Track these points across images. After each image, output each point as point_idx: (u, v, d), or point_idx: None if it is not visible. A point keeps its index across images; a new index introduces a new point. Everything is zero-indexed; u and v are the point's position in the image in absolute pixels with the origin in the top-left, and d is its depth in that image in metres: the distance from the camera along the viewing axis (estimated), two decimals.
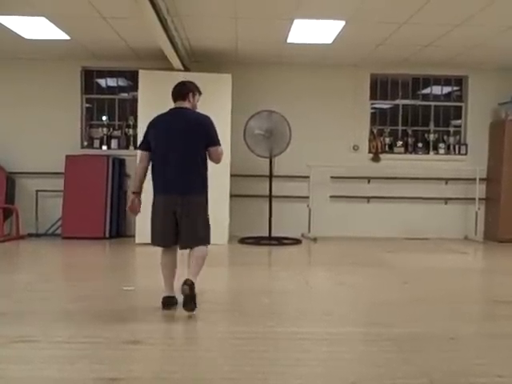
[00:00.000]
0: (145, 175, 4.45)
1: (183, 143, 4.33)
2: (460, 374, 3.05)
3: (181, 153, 4.32)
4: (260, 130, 8.44)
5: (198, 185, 4.40)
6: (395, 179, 9.09)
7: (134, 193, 4.47)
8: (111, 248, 8.14)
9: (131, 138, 9.06)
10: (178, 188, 4.30)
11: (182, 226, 4.31)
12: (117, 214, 8.77)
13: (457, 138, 9.46)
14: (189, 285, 4.09)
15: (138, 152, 4.56)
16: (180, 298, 4.22)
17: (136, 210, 4.47)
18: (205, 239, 4.42)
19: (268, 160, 8.52)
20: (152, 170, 4.41)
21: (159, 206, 4.34)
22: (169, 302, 4.31)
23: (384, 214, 9.15)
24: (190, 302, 4.09)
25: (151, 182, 4.40)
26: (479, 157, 9.23)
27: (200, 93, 4.60)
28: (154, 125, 4.48)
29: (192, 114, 4.48)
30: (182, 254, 4.48)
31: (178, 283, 4.26)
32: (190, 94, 4.49)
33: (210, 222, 4.50)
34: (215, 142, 4.45)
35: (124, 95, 9.31)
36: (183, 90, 4.49)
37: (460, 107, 9.50)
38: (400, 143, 9.41)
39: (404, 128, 9.50)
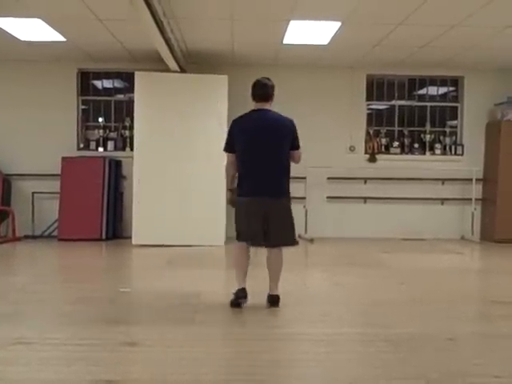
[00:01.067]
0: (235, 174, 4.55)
1: (273, 146, 4.41)
2: (457, 374, 3.05)
3: (271, 155, 4.40)
4: None
5: (286, 187, 4.50)
6: (392, 180, 9.11)
7: (230, 190, 4.59)
8: (108, 249, 8.13)
9: (127, 140, 9.06)
10: (269, 190, 4.39)
11: (272, 226, 4.40)
12: (113, 216, 8.76)
13: (453, 138, 9.48)
14: (276, 301, 4.45)
15: (226, 154, 4.57)
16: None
17: (235, 203, 4.55)
18: (292, 239, 4.56)
19: None
20: (239, 172, 4.49)
21: (248, 208, 4.41)
22: (242, 295, 4.39)
23: (381, 215, 9.16)
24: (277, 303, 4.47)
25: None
26: (475, 157, 9.25)
27: None
28: (239, 126, 4.52)
29: (279, 117, 4.55)
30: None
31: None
32: (272, 97, 4.57)
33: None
34: (299, 145, 4.57)
35: (120, 97, 9.29)
36: (268, 93, 4.55)
37: (456, 108, 9.52)
38: (396, 144, 9.42)
39: (400, 129, 9.51)
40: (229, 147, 4.53)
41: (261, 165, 4.39)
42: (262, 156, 4.39)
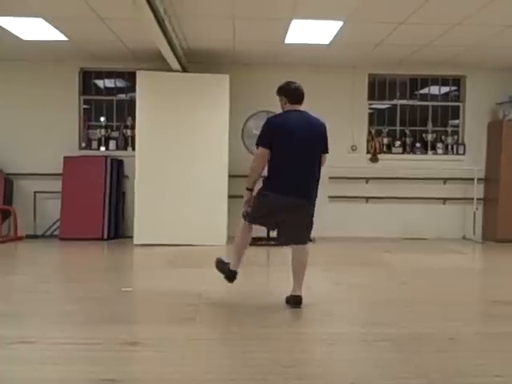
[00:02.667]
0: (261, 173, 4.51)
1: (309, 148, 4.42)
2: (459, 374, 3.05)
3: (306, 157, 4.41)
4: (258, 131, 8.43)
5: (316, 189, 4.51)
6: (393, 179, 9.10)
7: (248, 189, 4.51)
8: (109, 249, 8.13)
9: (129, 139, 9.06)
10: (300, 191, 4.40)
11: (291, 224, 4.46)
12: (115, 215, 8.76)
13: (455, 137, 9.47)
14: (299, 302, 4.41)
15: (260, 149, 4.46)
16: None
17: (252, 204, 4.52)
18: (307, 239, 4.60)
19: None
20: (273, 169, 4.45)
21: (275, 202, 4.40)
22: (234, 276, 4.59)
23: (382, 214, 9.16)
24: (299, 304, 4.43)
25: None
26: (477, 157, 9.24)
27: None
28: (278, 125, 4.48)
29: (314, 119, 4.57)
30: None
31: None
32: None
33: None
34: (328, 149, 4.61)
35: (122, 96, 9.30)
36: (303, 95, 4.58)
37: (458, 107, 9.51)
38: (398, 143, 9.41)
39: (402, 128, 9.50)
40: (265, 142, 4.44)
41: (297, 165, 4.37)
42: (298, 156, 4.38)
